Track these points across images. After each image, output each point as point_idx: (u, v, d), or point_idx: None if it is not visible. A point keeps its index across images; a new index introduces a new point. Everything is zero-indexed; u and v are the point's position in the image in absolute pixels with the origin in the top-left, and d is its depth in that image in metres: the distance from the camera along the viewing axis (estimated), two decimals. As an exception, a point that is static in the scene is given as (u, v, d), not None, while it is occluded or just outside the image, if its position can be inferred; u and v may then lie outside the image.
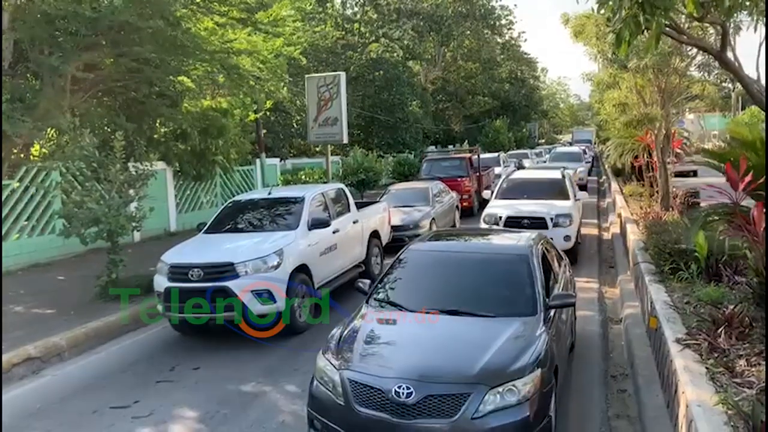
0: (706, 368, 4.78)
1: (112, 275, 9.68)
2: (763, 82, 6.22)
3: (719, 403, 4.10)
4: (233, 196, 17.05)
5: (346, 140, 20.37)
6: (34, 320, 8.65)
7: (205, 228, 9.52)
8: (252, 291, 7.71)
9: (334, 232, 9.67)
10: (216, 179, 19.44)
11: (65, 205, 9.93)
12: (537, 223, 11.34)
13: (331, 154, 23.14)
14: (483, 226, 11.78)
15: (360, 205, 11.66)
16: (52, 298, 9.85)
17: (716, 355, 5.03)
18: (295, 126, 29.89)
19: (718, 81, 15.72)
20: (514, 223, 11.47)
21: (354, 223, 10.70)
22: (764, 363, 4.70)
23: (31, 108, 11.91)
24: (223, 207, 10.28)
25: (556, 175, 13.89)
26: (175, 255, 8.39)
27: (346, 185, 23.38)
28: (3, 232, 12.22)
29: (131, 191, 10.07)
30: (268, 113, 23.63)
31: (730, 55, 6.57)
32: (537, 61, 69.41)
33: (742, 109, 26.26)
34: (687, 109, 20.06)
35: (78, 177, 10.40)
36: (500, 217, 11.77)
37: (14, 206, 12.51)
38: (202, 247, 8.65)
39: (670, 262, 7.92)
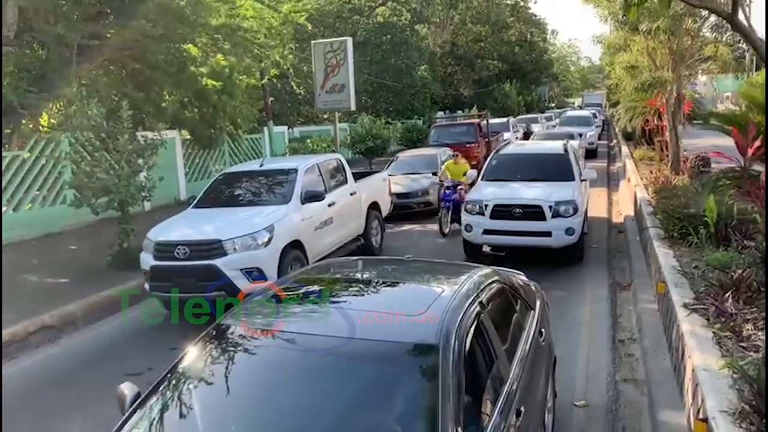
0: (713, 333, 4.82)
1: (124, 245, 9.81)
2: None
3: (725, 367, 4.14)
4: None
5: (353, 107, 20.28)
6: (49, 289, 8.79)
7: (195, 202, 9.22)
8: (241, 269, 7.40)
9: (329, 205, 9.31)
10: (224, 147, 19.45)
11: (75, 175, 10.00)
12: (532, 212, 9.31)
13: (339, 121, 23.05)
14: (464, 217, 9.88)
15: (358, 176, 11.29)
16: (65, 267, 9.99)
17: (723, 319, 5.05)
18: (302, 93, 29.72)
19: (732, 42, 15.43)
20: (503, 212, 9.44)
21: (351, 194, 10.32)
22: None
23: (37, 78, 11.91)
24: (213, 180, 9.96)
25: (557, 148, 11.35)
26: (161, 232, 8.09)
27: (354, 153, 23.53)
28: (15, 202, 12.36)
29: (140, 161, 10.10)
30: (275, 80, 23.50)
31: (741, 17, 6.44)
32: (547, 23, 68.20)
33: (756, 70, 25.85)
34: (700, 71, 19.73)
35: (87, 147, 10.43)
36: (486, 205, 9.60)
37: (25, 177, 12.61)
38: (190, 224, 8.34)
39: (679, 226, 7.90)
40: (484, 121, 22.75)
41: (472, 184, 11.62)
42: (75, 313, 7.86)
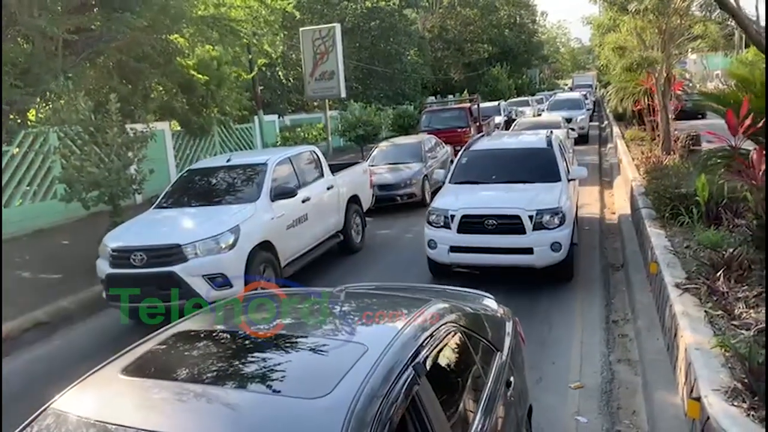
0: (705, 312, 4.86)
1: (116, 238, 9.75)
2: (762, 23, 6.11)
3: (717, 345, 4.18)
4: (233, 154, 17.01)
5: (343, 94, 20.23)
6: (42, 285, 8.77)
7: (157, 202, 8.61)
8: (203, 275, 6.82)
9: (303, 201, 8.65)
10: (215, 138, 19.35)
11: (65, 170, 9.92)
12: (508, 224, 7.48)
13: (330, 109, 22.96)
14: (427, 231, 8.04)
15: (337, 168, 10.59)
16: (57, 262, 9.95)
17: (715, 298, 5.09)
18: (291, 81, 29.59)
19: (721, 20, 15.41)
20: (473, 225, 7.65)
21: (328, 189, 9.64)
22: (763, 305, 4.76)
23: (23, 72, 11.78)
24: (177, 177, 9.36)
25: (539, 141, 9.45)
26: (118, 237, 7.50)
27: (346, 140, 23.46)
28: (5, 198, 12.28)
29: (130, 154, 10.03)
30: (264, 69, 23.37)
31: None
32: (536, 4, 68.10)
33: (745, 47, 25.90)
34: (689, 50, 19.73)
35: (76, 141, 10.36)
36: (452, 216, 7.76)
37: (14, 172, 12.53)
38: (149, 227, 7.73)
39: (671, 206, 7.93)
40: (475, 106, 22.70)
41: None
42: (69, 309, 7.84)
